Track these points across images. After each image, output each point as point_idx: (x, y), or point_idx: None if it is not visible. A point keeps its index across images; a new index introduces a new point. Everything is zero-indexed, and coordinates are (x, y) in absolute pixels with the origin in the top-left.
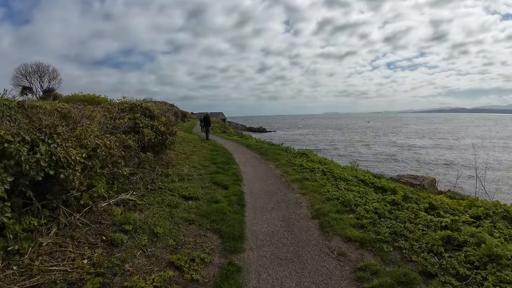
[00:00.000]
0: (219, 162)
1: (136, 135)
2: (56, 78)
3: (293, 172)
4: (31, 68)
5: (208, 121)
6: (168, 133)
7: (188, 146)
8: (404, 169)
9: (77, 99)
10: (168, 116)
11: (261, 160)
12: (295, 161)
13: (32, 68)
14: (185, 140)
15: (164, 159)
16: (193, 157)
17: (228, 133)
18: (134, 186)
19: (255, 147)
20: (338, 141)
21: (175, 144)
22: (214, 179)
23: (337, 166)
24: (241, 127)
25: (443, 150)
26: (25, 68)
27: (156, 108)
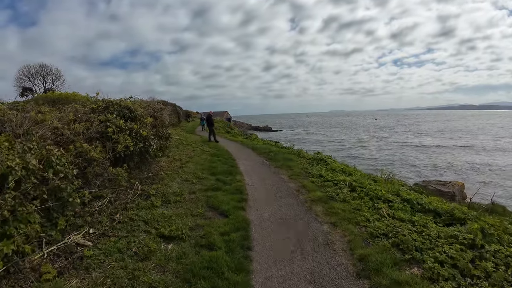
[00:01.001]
0: (219, 172)
1: (107, 142)
2: (59, 78)
3: (312, 186)
4: (34, 69)
5: (211, 121)
6: (159, 137)
7: (186, 150)
8: (422, 172)
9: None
10: (160, 117)
11: (270, 168)
12: (312, 169)
13: (35, 69)
14: (184, 142)
15: (150, 171)
16: (189, 165)
17: (232, 133)
18: (94, 218)
19: (263, 150)
20: (347, 141)
21: (169, 149)
22: (211, 201)
23: (365, 176)
24: (247, 126)
25: (462, 151)
26: (28, 69)
27: (141, 106)
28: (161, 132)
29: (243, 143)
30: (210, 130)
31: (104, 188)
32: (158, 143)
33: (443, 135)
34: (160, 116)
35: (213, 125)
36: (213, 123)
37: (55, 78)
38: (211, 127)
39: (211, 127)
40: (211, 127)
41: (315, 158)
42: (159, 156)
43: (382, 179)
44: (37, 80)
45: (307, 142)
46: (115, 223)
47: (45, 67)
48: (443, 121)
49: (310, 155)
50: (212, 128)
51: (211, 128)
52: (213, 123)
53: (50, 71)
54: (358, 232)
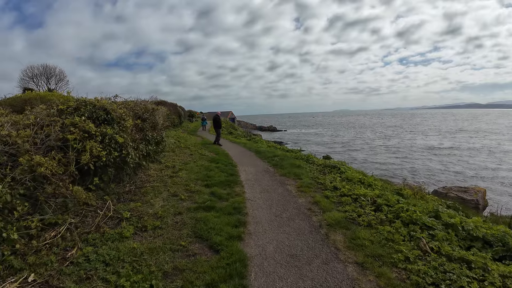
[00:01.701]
0: (216, 183)
1: (70, 152)
2: (63, 79)
3: (326, 203)
4: (38, 70)
5: (218, 122)
6: (147, 142)
7: (183, 154)
8: (437, 176)
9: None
10: (149, 119)
11: (275, 176)
12: (324, 179)
13: (38, 70)
14: (182, 145)
15: (133, 183)
16: (182, 174)
17: (235, 134)
18: (40, 257)
19: (267, 154)
20: (354, 142)
21: (162, 155)
22: (199, 227)
23: (387, 188)
24: (251, 126)
25: (475, 152)
26: (31, 70)
27: (125, 107)
28: (150, 136)
29: (246, 145)
30: (217, 132)
31: (64, 211)
32: (145, 149)
33: (453, 135)
34: (151, 117)
35: (220, 127)
36: (221, 125)
37: (58, 79)
38: (218, 129)
39: (218, 130)
40: (218, 129)
41: (327, 164)
42: (144, 165)
43: (410, 192)
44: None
45: (313, 142)
46: (66, 265)
47: (49, 68)
48: (452, 120)
49: (320, 161)
50: (220, 131)
51: (218, 131)
52: (221, 125)
53: (54, 72)
54: (397, 280)
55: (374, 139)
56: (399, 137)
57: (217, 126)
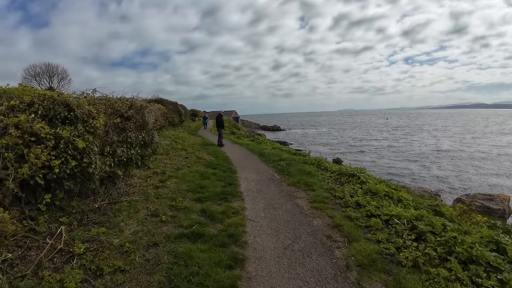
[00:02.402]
0: (210, 196)
1: (7, 162)
2: (65, 78)
3: (351, 227)
4: (40, 68)
5: (221, 122)
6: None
7: (177, 157)
8: (452, 182)
9: None
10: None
11: (281, 186)
12: (342, 191)
13: (41, 68)
14: (179, 146)
15: (108, 196)
16: (170, 183)
17: (238, 134)
18: None
19: (272, 157)
20: (361, 143)
21: (152, 158)
22: (177, 271)
23: (422, 204)
24: (255, 126)
25: (489, 156)
26: (33, 68)
27: (100, 103)
28: (134, 138)
29: (249, 147)
30: (220, 133)
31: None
32: (126, 154)
33: (462, 136)
34: (139, 116)
35: (223, 127)
36: (224, 124)
37: (61, 78)
38: (220, 129)
39: (220, 130)
40: (221, 129)
41: (343, 172)
42: (120, 174)
43: (452, 210)
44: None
45: (318, 143)
46: None
47: (51, 66)
48: (463, 121)
49: (334, 166)
50: (222, 130)
51: (220, 131)
52: (223, 125)
53: (56, 70)
54: None
55: (380, 139)
56: (407, 138)
57: (219, 126)
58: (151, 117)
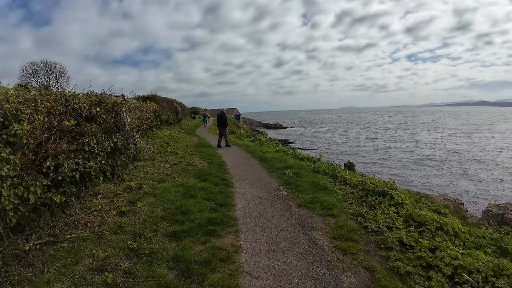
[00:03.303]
0: (191, 228)
1: None
2: (64, 75)
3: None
4: (38, 66)
5: (223, 121)
6: (90, 154)
7: (164, 163)
8: (469, 188)
9: None
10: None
11: (290, 208)
12: (375, 219)
13: (39, 66)
14: (169, 149)
15: (39, 231)
16: (142, 206)
17: (238, 134)
18: None
19: (276, 164)
20: (366, 143)
21: (132, 166)
22: None
23: (479, 236)
24: (256, 124)
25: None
26: (31, 66)
27: (33, 98)
28: (94, 145)
29: (249, 149)
30: (221, 133)
31: None
32: (83, 167)
33: (468, 134)
34: (110, 115)
35: (226, 126)
36: (227, 123)
37: (59, 75)
38: (222, 128)
39: (222, 129)
40: (223, 128)
41: (368, 188)
42: (57, 202)
43: None
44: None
45: (321, 142)
46: None
47: (49, 64)
48: (469, 119)
49: (354, 177)
50: (225, 130)
51: (222, 130)
52: (227, 123)
53: (54, 68)
54: None
55: (386, 139)
56: (412, 137)
57: (221, 125)
58: (133, 116)
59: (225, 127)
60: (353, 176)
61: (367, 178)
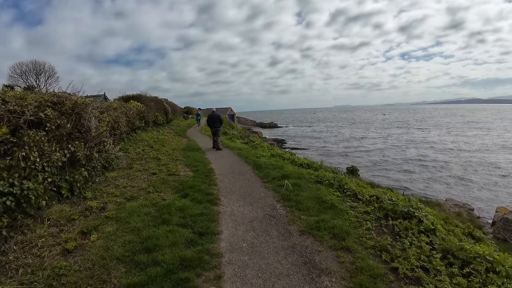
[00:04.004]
0: (156, 275)
1: None
2: (53, 76)
3: None
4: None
5: (216, 121)
6: (22, 172)
7: (140, 173)
8: (471, 188)
9: None
10: (59, 121)
11: (291, 236)
12: (406, 257)
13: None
14: (151, 154)
15: None
16: (96, 239)
17: (230, 135)
18: None
19: (271, 172)
20: (362, 142)
21: (102, 177)
22: None
23: None
24: (251, 123)
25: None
26: (20, 66)
27: None
28: (43, 157)
29: (242, 153)
30: (213, 133)
31: None
32: (20, 188)
33: (463, 132)
34: (66, 118)
35: (219, 127)
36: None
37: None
38: (214, 129)
39: (215, 130)
40: (215, 129)
41: (387, 207)
42: None
43: None
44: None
45: (317, 141)
46: None
47: (38, 64)
48: (460, 115)
49: (365, 190)
50: (218, 131)
51: (214, 131)
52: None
53: (43, 68)
54: None
55: (382, 138)
56: (408, 136)
57: (214, 126)
58: (105, 118)
59: (218, 128)
60: (363, 188)
61: (382, 191)
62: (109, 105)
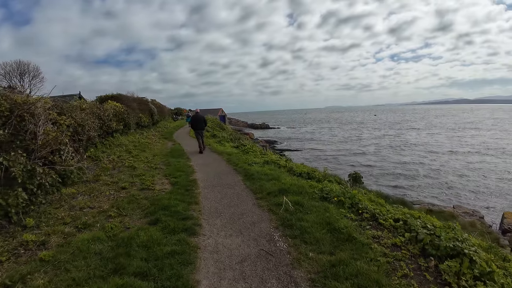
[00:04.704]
0: None
1: None
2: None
3: None
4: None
5: (200, 122)
6: None
7: (110, 186)
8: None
9: None
10: None
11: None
12: None
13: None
14: (126, 162)
15: None
16: None
17: (220, 138)
18: None
19: (266, 183)
20: (361, 144)
21: (56, 194)
22: None
23: None
24: (242, 124)
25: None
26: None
27: None
28: None
29: (231, 158)
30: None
31: None
32: None
33: (455, 132)
34: (12, 122)
35: (203, 129)
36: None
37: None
38: (199, 131)
39: (200, 132)
40: (200, 131)
41: (425, 239)
42: None
43: None
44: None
45: (311, 143)
46: None
47: (22, 64)
48: (451, 116)
49: (387, 213)
50: (203, 132)
51: (199, 133)
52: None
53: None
54: None
55: (375, 138)
56: (401, 136)
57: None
58: (63, 121)
59: (202, 129)
60: (381, 207)
61: (409, 213)
62: (75, 105)
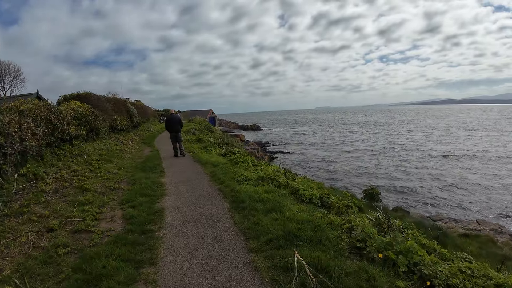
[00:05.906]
0: None
1: None
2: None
3: None
4: None
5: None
6: None
7: (33, 224)
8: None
9: None
10: None
11: None
12: None
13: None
14: (76, 182)
15: None
16: None
17: (206, 143)
18: None
19: (264, 220)
20: (356, 147)
21: None
22: None
23: None
24: (233, 125)
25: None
26: None
27: None
28: None
29: (217, 171)
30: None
31: None
32: None
33: (448, 133)
34: None
35: (179, 131)
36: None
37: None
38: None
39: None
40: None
41: None
42: None
43: None
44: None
45: (302, 144)
46: None
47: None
48: (446, 117)
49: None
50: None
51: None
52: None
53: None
54: None
55: (368, 139)
56: (393, 136)
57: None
58: None
59: (179, 132)
60: (454, 267)
61: None
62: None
